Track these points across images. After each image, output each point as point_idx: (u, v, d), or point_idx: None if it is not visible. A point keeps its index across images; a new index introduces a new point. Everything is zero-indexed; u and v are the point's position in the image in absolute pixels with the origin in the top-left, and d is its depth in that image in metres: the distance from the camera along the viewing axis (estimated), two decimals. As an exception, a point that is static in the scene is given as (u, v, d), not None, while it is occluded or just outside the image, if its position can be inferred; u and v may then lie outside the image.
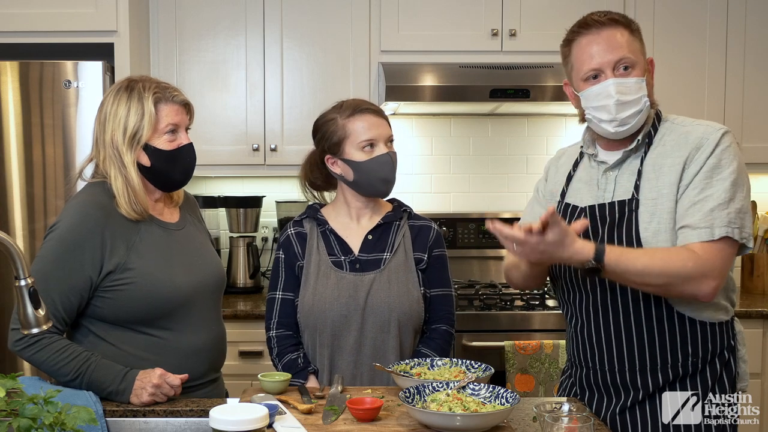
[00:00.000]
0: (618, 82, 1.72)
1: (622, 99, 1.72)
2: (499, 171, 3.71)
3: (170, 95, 1.87)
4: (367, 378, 2.02)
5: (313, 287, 2.04)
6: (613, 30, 1.75)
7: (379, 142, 2.04)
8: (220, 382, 2.04)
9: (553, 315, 2.98)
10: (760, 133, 3.35)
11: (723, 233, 1.64)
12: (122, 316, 1.83)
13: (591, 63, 1.75)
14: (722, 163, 1.69)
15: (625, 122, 1.74)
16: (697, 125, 1.77)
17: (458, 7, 3.29)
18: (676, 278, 1.63)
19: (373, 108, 2.07)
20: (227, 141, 3.27)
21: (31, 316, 1.40)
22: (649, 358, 1.75)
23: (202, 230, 2.08)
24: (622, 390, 1.79)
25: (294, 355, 2.04)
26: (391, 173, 2.05)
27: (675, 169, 1.72)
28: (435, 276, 2.12)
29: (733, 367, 1.78)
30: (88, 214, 1.81)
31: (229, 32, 3.28)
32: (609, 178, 1.81)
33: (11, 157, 2.87)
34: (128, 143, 1.83)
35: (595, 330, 1.81)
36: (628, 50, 1.73)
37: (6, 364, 2.86)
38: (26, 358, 1.78)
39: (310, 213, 2.15)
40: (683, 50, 3.31)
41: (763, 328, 3.05)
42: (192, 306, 1.90)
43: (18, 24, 2.98)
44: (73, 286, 1.78)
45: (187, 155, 1.91)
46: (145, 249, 1.85)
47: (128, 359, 1.84)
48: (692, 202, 1.67)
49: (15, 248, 1.37)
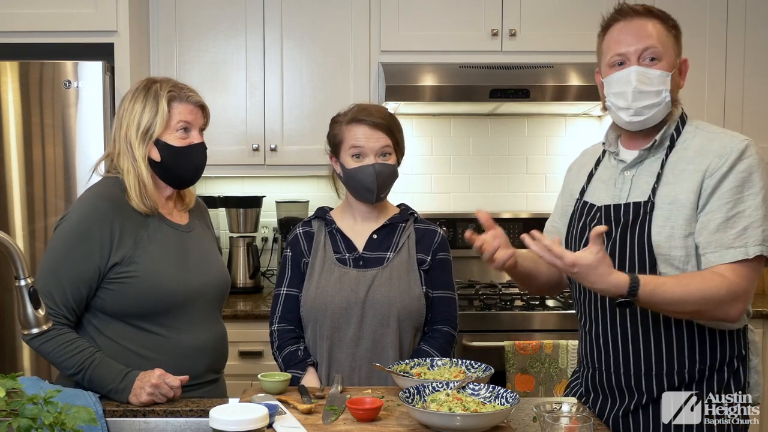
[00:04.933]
0: (640, 70, 1.72)
1: (641, 88, 1.71)
2: (499, 171, 3.71)
3: (185, 95, 1.92)
4: (365, 372, 2.03)
5: (317, 281, 2.07)
6: (647, 20, 1.75)
7: (369, 154, 2.06)
8: (220, 383, 2.04)
9: (553, 315, 2.99)
10: (760, 133, 3.34)
11: (757, 252, 1.63)
12: (123, 309, 1.85)
13: (618, 48, 1.75)
14: (753, 177, 1.66)
15: (640, 112, 1.73)
16: (722, 134, 1.74)
17: (458, 7, 3.29)
18: (709, 305, 1.62)
19: (370, 119, 2.06)
20: (227, 141, 3.27)
21: (31, 316, 1.40)
22: (656, 362, 1.74)
23: (210, 236, 2.12)
24: (626, 393, 1.78)
25: (293, 348, 2.07)
26: (372, 184, 2.06)
27: (695, 177, 1.69)
28: (438, 278, 2.14)
29: (742, 377, 1.75)
30: (97, 205, 1.86)
31: (229, 32, 3.28)
32: (625, 179, 1.80)
33: (11, 157, 2.87)
34: (141, 138, 1.89)
35: (602, 331, 1.80)
36: (657, 41, 1.73)
37: (6, 364, 2.87)
38: (35, 348, 1.83)
39: (319, 213, 2.20)
40: (683, 50, 3.30)
41: (763, 328, 3.05)
42: (193, 305, 1.91)
43: (18, 24, 2.98)
44: (82, 276, 1.82)
45: (197, 153, 1.94)
46: (151, 245, 1.88)
47: (126, 355, 1.85)
48: (725, 218, 1.64)
49: (15, 248, 1.37)
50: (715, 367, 1.73)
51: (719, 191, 1.66)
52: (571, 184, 1.99)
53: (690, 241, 1.69)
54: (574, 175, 1.99)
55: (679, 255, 1.68)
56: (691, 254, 1.69)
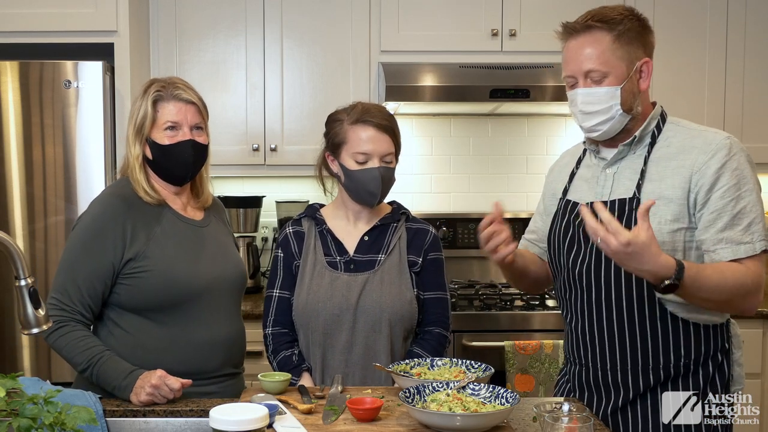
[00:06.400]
0: (585, 92, 1.73)
1: (586, 109, 1.74)
2: (499, 171, 3.71)
3: (172, 93, 1.94)
4: (359, 377, 2.02)
5: (308, 286, 2.05)
6: (589, 37, 1.72)
7: (374, 158, 2.03)
8: (239, 379, 2.07)
9: (553, 315, 2.98)
10: (760, 133, 3.35)
11: (763, 246, 1.66)
12: (139, 303, 1.90)
13: (566, 69, 1.78)
14: (745, 173, 1.68)
15: (592, 129, 1.76)
16: (704, 131, 1.76)
17: (458, 7, 3.29)
18: (740, 293, 1.64)
19: (376, 121, 2.03)
20: (227, 141, 3.27)
21: (31, 316, 1.41)
22: (641, 358, 1.75)
23: (227, 232, 2.14)
24: (613, 389, 1.79)
25: (288, 353, 2.06)
26: (376, 188, 2.04)
27: (681, 173, 1.70)
28: (430, 279, 2.12)
29: (726, 370, 1.77)
30: (110, 204, 1.93)
31: (229, 32, 3.28)
32: (607, 176, 1.81)
33: (11, 157, 2.87)
34: (135, 135, 1.96)
35: (589, 328, 1.81)
36: (598, 62, 1.71)
37: (6, 364, 2.87)
38: (50, 344, 1.87)
39: (309, 212, 2.16)
40: (683, 50, 3.32)
41: (763, 328, 3.05)
42: (208, 299, 1.94)
43: (18, 24, 2.98)
44: (97, 273, 1.87)
45: (184, 150, 1.95)
46: (165, 240, 1.93)
47: (144, 348, 1.89)
48: (732, 215, 1.66)
49: (15, 248, 1.38)
50: (699, 362, 1.75)
51: (718, 190, 1.67)
52: (553, 184, 2.00)
53: (678, 236, 1.70)
54: (556, 176, 2.00)
55: (665, 250, 1.68)
56: (678, 249, 1.70)
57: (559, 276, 1.88)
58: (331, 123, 2.12)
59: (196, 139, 1.96)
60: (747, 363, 1.85)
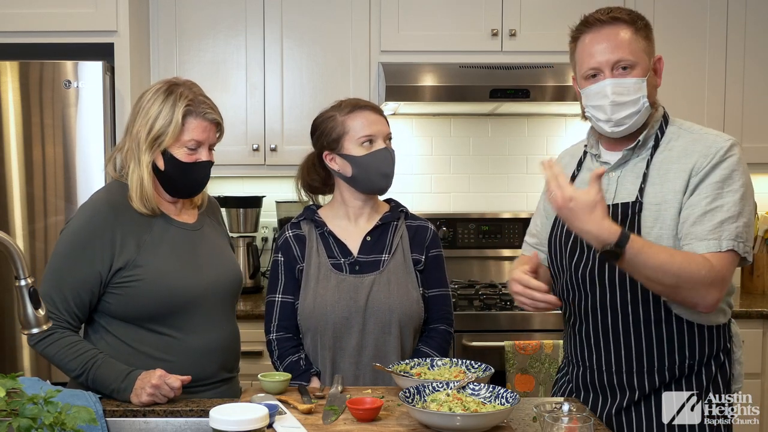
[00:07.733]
0: (615, 82, 1.72)
1: (618, 100, 1.72)
2: (499, 171, 3.71)
3: (202, 111, 1.88)
4: (369, 379, 2.01)
5: (314, 290, 2.04)
6: (615, 29, 1.73)
7: (378, 138, 2.04)
8: (234, 382, 2.04)
9: (553, 315, 2.98)
10: (760, 133, 3.35)
11: (730, 246, 1.64)
12: (131, 312, 1.86)
13: (591, 62, 1.75)
14: (734, 175, 1.67)
15: (620, 123, 1.74)
16: (706, 134, 1.76)
17: (458, 7, 3.29)
18: (688, 282, 1.61)
19: (371, 105, 2.10)
20: (227, 141, 3.21)
21: (31, 316, 1.40)
22: (647, 359, 1.75)
23: (221, 233, 2.10)
24: (618, 390, 1.79)
25: (295, 357, 2.04)
26: (389, 168, 2.05)
27: (681, 176, 1.71)
28: (432, 276, 2.12)
29: (728, 369, 1.78)
30: (98, 212, 1.87)
31: (229, 32, 3.28)
32: (611, 180, 1.80)
33: (11, 157, 2.87)
34: (149, 143, 1.87)
35: (593, 330, 1.81)
36: (628, 51, 1.72)
37: (6, 364, 2.87)
38: (39, 351, 1.84)
39: (307, 215, 2.14)
40: (683, 50, 3.31)
41: (763, 328, 3.04)
42: (203, 305, 1.91)
43: (18, 24, 2.98)
44: (83, 282, 1.83)
45: (202, 171, 1.92)
46: (156, 247, 1.88)
47: (138, 356, 1.86)
48: (703, 211, 1.66)
49: (15, 248, 1.37)
50: (703, 362, 1.75)
51: (701, 186, 1.68)
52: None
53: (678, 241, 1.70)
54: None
55: None
56: None
57: (561, 279, 1.88)
58: (322, 122, 2.12)
59: (211, 159, 1.94)
60: (747, 363, 1.86)
